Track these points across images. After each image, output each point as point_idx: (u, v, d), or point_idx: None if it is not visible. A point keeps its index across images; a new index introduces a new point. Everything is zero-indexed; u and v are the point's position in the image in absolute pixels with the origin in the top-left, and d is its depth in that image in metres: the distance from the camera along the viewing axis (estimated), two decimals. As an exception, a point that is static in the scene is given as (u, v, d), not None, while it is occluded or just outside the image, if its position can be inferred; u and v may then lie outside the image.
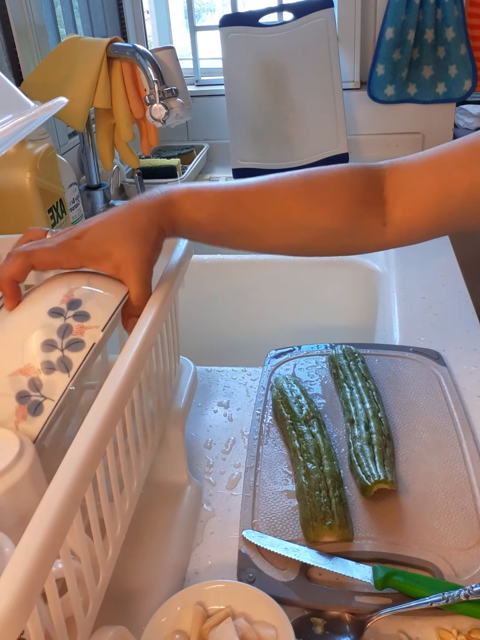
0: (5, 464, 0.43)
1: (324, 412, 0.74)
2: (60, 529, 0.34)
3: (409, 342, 0.87)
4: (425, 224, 0.66)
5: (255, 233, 0.64)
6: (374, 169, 0.67)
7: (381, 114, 1.63)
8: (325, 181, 0.65)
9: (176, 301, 0.59)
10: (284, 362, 0.84)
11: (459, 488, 0.63)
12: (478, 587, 0.50)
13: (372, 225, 0.66)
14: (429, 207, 0.64)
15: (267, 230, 0.64)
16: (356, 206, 0.65)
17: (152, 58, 1.09)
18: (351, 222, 0.65)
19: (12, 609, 0.29)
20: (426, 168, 0.65)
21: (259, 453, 0.70)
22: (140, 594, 0.53)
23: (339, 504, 0.59)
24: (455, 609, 0.50)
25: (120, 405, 0.43)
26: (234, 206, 0.62)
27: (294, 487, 0.64)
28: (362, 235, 0.67)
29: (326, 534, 0.57)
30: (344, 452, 0.68)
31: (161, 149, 1.64)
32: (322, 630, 0.51)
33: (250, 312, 1.23)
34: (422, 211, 0.65)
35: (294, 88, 1.52)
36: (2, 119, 0.42)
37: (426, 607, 0.50)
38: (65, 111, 1.10)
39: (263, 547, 0.57)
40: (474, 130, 2.08)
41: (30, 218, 0.90)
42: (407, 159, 0.67)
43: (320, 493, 0.60)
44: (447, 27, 1.50)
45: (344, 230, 0.65)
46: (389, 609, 0.51)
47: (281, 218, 0.64)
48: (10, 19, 1.07)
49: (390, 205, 0.65)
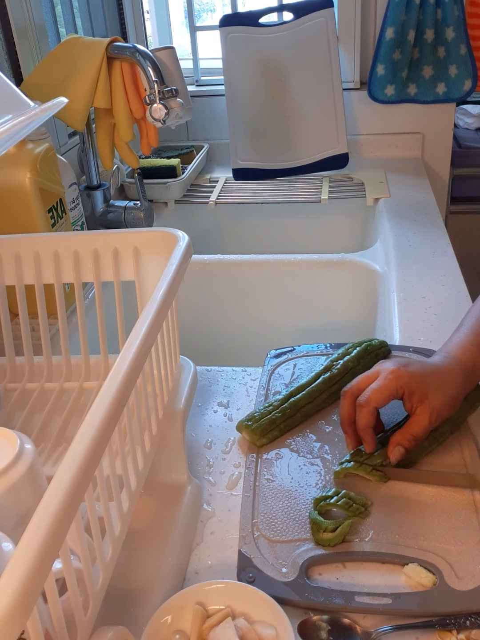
0: (5, 464, 0.43)
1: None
2: (60, 529, 0.34)
3: (409, 342, 0.87)
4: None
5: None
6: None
7: (381, 114, 1.63)
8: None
9: (176, 301, 0.59)
10: (283, 362, 0.84)
11: (458, 488, 0.63)
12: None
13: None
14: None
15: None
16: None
17: (152, 58, 1.09)
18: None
19: (12, 609, 0.29)
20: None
21: (259, 453, 0.70)
22: (140, 594, 0.53)
23: (272, 422, 0.71)
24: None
25: (120, 405, 0.43)
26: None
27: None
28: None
29: (244, 430, 0.71)
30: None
31: (161, 149, 1.64)
32: (326, 636, 0.50)
33: (250, 312, 1.23)
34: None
35: (294, 88, 1.52)
36: (2, 119, 0.41)
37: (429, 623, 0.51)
38: (65, 111, 1.10)
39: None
40: (474, 131, 2.09)
41: (30, 218, 0.90)
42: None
43: (275, 413, 0.71)
44: (447, 27, 1.49)
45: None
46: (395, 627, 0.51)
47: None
48: (10, 19, 1.07)
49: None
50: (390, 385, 0.64)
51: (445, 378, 0.66)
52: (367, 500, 0.61)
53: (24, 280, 0.68)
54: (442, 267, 1.06)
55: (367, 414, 0.64)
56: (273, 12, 1.54)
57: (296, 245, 1.51)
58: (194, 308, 1.23)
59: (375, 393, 0.64)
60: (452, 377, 0.66)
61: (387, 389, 0.64)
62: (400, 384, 0.64)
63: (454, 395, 0.66)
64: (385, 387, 0.64)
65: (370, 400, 0.64)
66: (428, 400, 0.64)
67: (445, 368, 0.67)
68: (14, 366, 0.71)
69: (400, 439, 0.64)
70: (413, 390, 0.64)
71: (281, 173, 1.56)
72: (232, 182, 1.56)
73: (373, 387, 0.64)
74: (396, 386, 0.64)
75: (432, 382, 0.65)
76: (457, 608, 0.51)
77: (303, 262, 1.17)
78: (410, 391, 0.64)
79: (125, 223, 1.27)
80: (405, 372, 0.64)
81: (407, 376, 0.64)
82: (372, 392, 0.64)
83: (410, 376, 0.64)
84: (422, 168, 1.57)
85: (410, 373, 0.64)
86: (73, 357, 0.71)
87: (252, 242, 1.54)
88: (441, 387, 0.65)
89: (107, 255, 0.66)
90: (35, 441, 0.58)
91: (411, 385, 0.64)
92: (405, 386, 0.64)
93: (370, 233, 1.43)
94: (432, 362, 0.68)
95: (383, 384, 0.64)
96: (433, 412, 0.64)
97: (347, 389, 0.67)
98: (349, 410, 0.66)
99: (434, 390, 0.64)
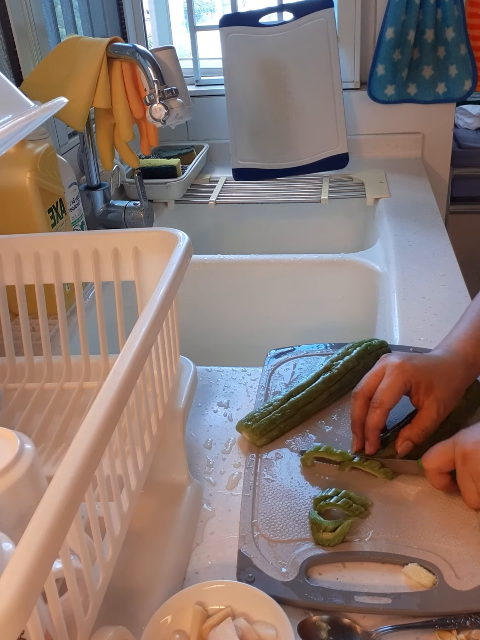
0: (5, 464, 0.43)
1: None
2: (60, 529, 0.34)
3: (409, 342, 0.87)
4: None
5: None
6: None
7: (381, 114, 1.63)
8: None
9: (176, 301, 0.59)
10: (283, 362, 0.84)
11: (459, 488, 0.63)
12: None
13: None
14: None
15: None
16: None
17: (152, 58, 1.09)
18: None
19: (12, 609, 0.29)
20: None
21: (259, 453, 0.70)
22: (140, 594, 0.53)
23: (272, 422, 0.71)
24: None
25: (120, 405, 0.43)
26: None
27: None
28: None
29: (244, 430, 0.71)
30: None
31: (161, 149, 1.64)
32: (326, 636, 0.50)
33: (250, 312, 1.23)
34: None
35: (294, 88, 1.52)
36: (2, 119, 0.41)
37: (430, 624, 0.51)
38: (65, 111, 1.10)
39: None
40: (474, 131, 2.09)
41: (30, 218, 0.90)
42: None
43: (275, 413, 0.72)
44: (447, 27, 1.50)
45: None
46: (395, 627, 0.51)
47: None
48: (10, 19, 1.07)
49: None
50: (398, 381, 0.64)
51: (448, 370, 0.66)
52: (367, 500, 0.61)
53: (24, 280, 0.68)
54: (442, 267, 1.06)
55: (380, 414, 0.65)
56: (273, 12, 1.54)
57: (296, 245, 1.51)
58: (194, 308, 1.23)
59: (385, 394, 0.64)
60: (454, 369, 0.67)
61: (396, 385, 0.64)
62: (407, 377, 0.64)
63: (457, 387, 0.67)
64: (394, 385, 0.64)
65: (383, 402, 0.64)
66: (434, 393, 0.64)
67: (447, 361, 0.68)
68: (14, 366, 0.71)
69: (409, 434, 0.65)
70: (419, 383, 0.64)
71: (281, 173, 1.56)
72: (232, 182, 1.56)
73: (382, 388, 0.65)
74: (403, 380, 0.64)
75: (436, 374, 0.65)
76: (457, 608, 0.52)
77: (303, 262, 1.17)
78: (417, 384, 0.64)
79: (125, 223, 1.27)
80: (409, 365, 0.65)
81: (411, 369, 0.65)
82: (383, 393, 0.65)
83: (415, 369, 0.65)
84: (422, 168, 1.57)
85: (414, 366, 0.65)
86: (73, 357, 0.71)
87: (252, 242, 1.54)
88: (445, 378, 0.66)
89: (107, 255, 0.66)
90: (35, 441, 0.58)
91: (417, 378, 0.64)
92: (411, 379, 0.64)
93: (370, 233, 1.43)
94: (434, 355, 0.69)
95: (391, 382, 0.65)
96: (440, 403, 0.64)
97: (357, 390, 0.67)
98: (360, 411, 0.67)
99: (438, 381, 0.65)
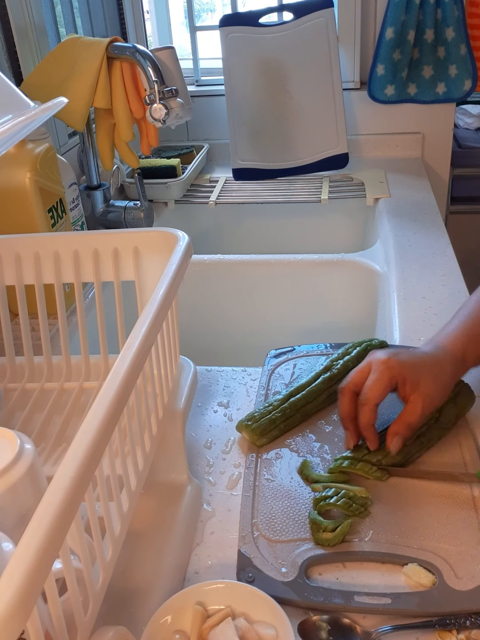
0: (5, 464, 0.43)
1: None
2: (60, 529, 0.34)
3: (409, 342, 0.87)
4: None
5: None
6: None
7: (381, 114, 1.63)
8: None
9: (176, 301, 0.59)
10: (283, 362, 0.84)
11: (458, 488, 0.63)
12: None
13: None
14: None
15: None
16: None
17: (152, 58, 1.09)
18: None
19: (12, 609, 0.29)
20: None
21: (259, 453, 0.70)
22: (140, 594, 0.53)
23: (272, 422, 0.71)
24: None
25: (120, 405, 0.43)
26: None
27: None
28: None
29: (244, 430, 0.71)
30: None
31: (161, 149, 1.64)
32: (326, 636, 0.50)
33: (250, 312, 1.23)
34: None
35: (294, 88, 1.52)
36: (2, 119, 0.41)
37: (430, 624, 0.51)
38: (65, 111, 1.10)
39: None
40: (474, 131, 2.09)
41: (31, 218, 0.90)
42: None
43: (275, 413, 0.71)
44: (447, 27, 1.49)
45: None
46: (395, 627, 0.51)
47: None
48: (10, 19, 1.07)
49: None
50: (384, 377, 0.65)
51: (435, 365, 0.67)
52: (366, 500, 0.61)
53: (24, 280, 0.68)
54: (442, 267, 1.06)
55: (369, 411, 0.65)
56: (273, 12, 1.54)
57: (296, 245, 1.51)
58: (194, 308, 1.23)
59: (372, 390, 0.65)
60: (441, 364, 0.67)
61: (382, 381, 0.65)
62: (393, 373, 0.65)
63: (445, 382, 0.67)
64: (380, 381, 0.65)
65: (369, 398, 0.65)
66: (420, 388, 0.64)
67: (435, 356, 0.68)
68: (14, 366, 0.71)
69: (396, 429, 0.65)
70: (405, 378, 0.65)
71: (281, 173, 1.56)
72: (232, 182, 1.56)
73: (369, 384, 0.65)
74: (389, 376, 0.65)
75: (423, 370, 0.66)
76: (457, 608, 0.52)
77: (303, 262, 1.17)
78: (403, 379, 0.65)
79: (125, 223, 1.27)
80: (395, 361, 0.65)
81: (398, 365, 0.65)
82: (370, 389, 0.65)
83: (401, 365, 0.65)
84: (422, 168, 1.57)
85: (400, 362, 0.65)
86: (73, 357, 0.71)
87: (252, 242, 1.54)
88: (432, 374, 0.66)
89: (107, 255, 0.66)
90: (35, 441, 0.58)
91: (403, 373, 0.65)
92: (397, 375, 0.65)
93: (370, 233, 1.43)
94: (422, 351, 0.69)
95: (377, 378, 0.65)
96: (426, 398, 0.65)
97: (344, 386, 0.68)
98: (348, 406, 0.67)
99: (425, 377, 0.65)
